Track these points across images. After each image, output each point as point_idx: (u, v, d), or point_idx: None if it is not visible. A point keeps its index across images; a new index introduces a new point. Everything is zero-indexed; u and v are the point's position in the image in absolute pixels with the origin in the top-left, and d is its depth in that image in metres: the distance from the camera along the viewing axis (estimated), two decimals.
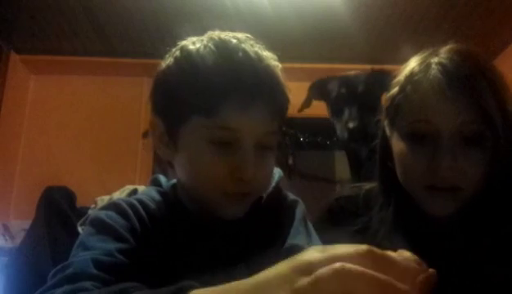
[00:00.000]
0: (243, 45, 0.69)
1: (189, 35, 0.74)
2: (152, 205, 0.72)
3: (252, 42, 0.71)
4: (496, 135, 0.71)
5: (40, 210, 0.97)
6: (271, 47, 0.73)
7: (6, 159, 2.86)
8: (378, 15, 2.52)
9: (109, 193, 1.01)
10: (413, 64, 0.78)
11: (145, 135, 2.92)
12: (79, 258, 0.60)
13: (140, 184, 1.03)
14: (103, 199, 0.98)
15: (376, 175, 0.87)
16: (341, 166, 3.02)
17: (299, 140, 2.96)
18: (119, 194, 0.97)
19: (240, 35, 0.71)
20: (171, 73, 0.71)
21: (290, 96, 0.73)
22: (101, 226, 0.66)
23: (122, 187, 1.01)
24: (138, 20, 2.59)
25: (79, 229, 0.90)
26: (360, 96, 1.60)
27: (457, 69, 0.72)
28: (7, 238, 2.67)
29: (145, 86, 3.05)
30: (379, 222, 0.82)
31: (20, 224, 2.50)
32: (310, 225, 0.79)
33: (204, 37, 0.71)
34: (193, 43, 0.71)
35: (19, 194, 2.85)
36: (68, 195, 0.99)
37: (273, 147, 0.71)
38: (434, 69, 0.73)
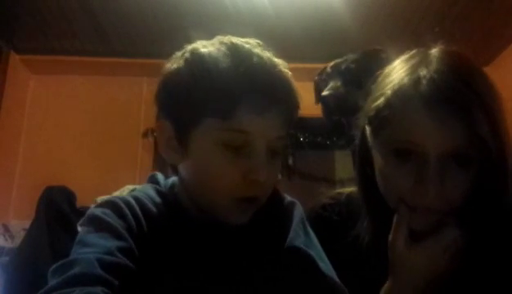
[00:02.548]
0: (256, 50, 0.69)
1: (189, 35, 0.74)
2: (150, 205, 0.71)
3: (262, 48, 0.71)
4: (489, 160, 0.67)
5: (40, 210, 0.97)
6: (271, 47, 0.73)
7: (6, 159, 2.86)
8: (378, 14, 2.52)
9: (109, 193, 1.00)
10: (400, 73, 0.73)
11: (145, 135, 2.94)
12: (83, 256, 0.59)
13: (140, 184, 1.03)
14: (103, 199, 0.98)
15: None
16: (341, 166, 3.02)
17: (299, 140, 2.96)
18: (119, 194, 0.97)
19: (251, 41, 0.72)
20: (182, 75, 0.70)
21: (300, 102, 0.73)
22: (98, 224, 0.65)
23: (122, 187, 1.01)
24: (138, 20, 2.59)
25: (79, 229, 0.90)
26: (343, 72, 1.65)
27: (449, 87, 0.66)
28: (7, 238, 2.67)
29: (145, 86, 3.05)
30: (364, 231, 0.79)
31: (20, 225, 2.50)
32: (309, 227, 0.78)
33: (214, 41, 0.71)
34: (204, 46, 0.70)
35: (19, 194, 2.85)
36: (68, 195, 0.99)
37: (281, 152, 0.71)
38: (424, 86, 0.68)
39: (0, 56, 2.78)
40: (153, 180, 0.80)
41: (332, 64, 1.72)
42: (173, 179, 0.78)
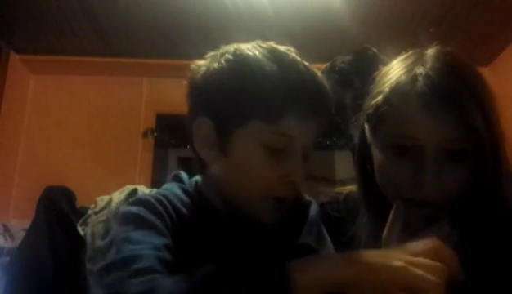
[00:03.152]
0: (298, 58, 0.72)
1: (189, 35, 0.74)
2: (178, 203, 0.72)
3: (300, 56, 0.73)
4: (483, 152, 0.69)
5: (40, 210, 0.97)
6: None
7: (6, 159, 2.86)
8: (378, 15, 2.52)
9: (109, 193, 1.00)
10: (398, 72, 0.75)
11: (145, 135, 2.94)
12: (143, 252, 0.59)
13: (140, 184, 1.03)
14: (103, 199, 0.98)
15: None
16: (341, 166, 3.02)
17: None
18: (119, 194, 0.97)
19: (290, 48, 0.74)
20: (226, 75, 0.71)
21: None
22: (139, 222, 0.64)
23: (122, 187, 1.01)
24: (138, 20, 2.59)
25: (79, 229, 0.90)
26: (328, 73, 1.66)
27: (444, 83, 0.70)
28: (7, 238, 2.67)
29: (145, 86, 3.05)
30: (362, 228, 0.81)
31: (20, 225, 2.50)
32: (322, 226, 0.80)
33: (254, 45, 0.73)
34: (248, 49, 0.72)
35: (19, 194, 2.85)
36: (68, 195, 0.99)
37: (311, 155, 0.74)
38: (420, 82, 0.70)
39: (0, 56, 2.78)
40: (177, 179, 0.80)
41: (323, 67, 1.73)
42: (197, 177, 0.79)
